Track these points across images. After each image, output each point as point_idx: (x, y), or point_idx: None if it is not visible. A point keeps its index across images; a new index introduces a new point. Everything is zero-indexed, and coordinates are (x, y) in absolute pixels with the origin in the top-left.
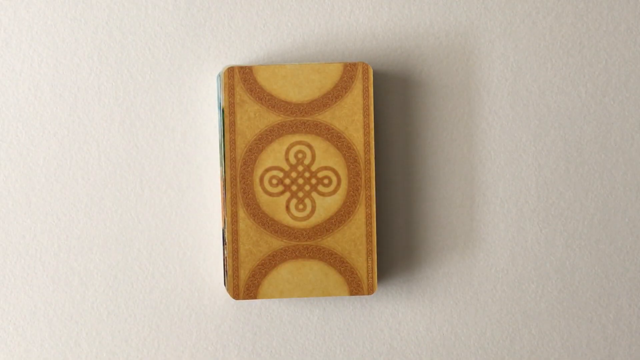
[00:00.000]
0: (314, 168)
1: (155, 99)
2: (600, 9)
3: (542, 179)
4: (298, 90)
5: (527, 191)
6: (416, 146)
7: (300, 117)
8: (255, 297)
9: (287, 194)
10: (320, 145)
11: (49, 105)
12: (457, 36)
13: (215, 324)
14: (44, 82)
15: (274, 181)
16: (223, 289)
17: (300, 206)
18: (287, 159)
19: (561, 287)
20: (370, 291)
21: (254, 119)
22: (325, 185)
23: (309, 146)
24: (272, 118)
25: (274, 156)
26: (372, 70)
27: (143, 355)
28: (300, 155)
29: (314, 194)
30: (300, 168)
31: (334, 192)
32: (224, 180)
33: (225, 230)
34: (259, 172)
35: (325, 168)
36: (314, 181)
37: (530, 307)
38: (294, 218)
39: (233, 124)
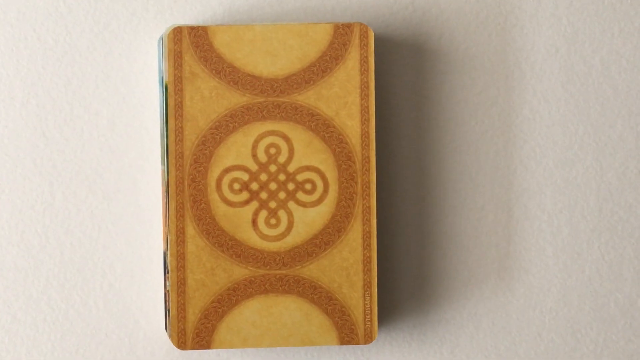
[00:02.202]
0: (291, 168)
1: (73, 71)
2: None
3: (605, 186)
4: (271, 60)
5: (585, 202)
6: (432, 140)
7: (274, 98)
8: (208, 347)
9: (255, 204)
10: (300, 136)
11: None
12: None
13: None
14: None
15: (237, 186)
16: (164, 335)
17: (273, 221)
18: (254, 156)
19: (630, 335)
20: (368, 339)
21: (210, 99)
22: (307, 192)
23: (285, 138)
24: (235, 98)
25: (237, 151)
26: (373, 34)
27: None
28: (272, 151)
29: (291, 204)
30: (272, 168)
31: (319, 201)
32: (167, 185)
33: (168, 253)
34: (215, 173)
35: (308, 168)
36: (291, 186)
37: None
38: (264, 237)
39: (180, 106)
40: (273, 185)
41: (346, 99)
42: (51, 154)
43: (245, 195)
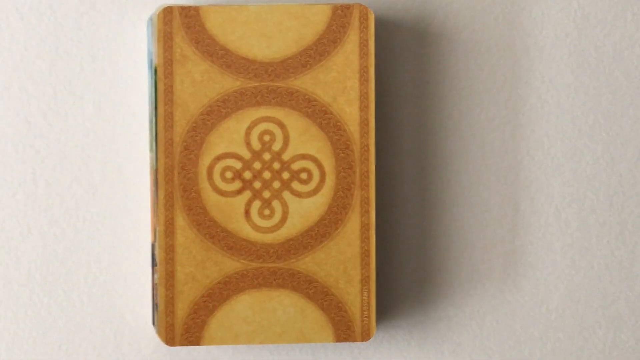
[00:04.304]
0: (286, 157)
1: (57, 53)
2: None
3: (616, 179)
4: (266, 42)
5: (595, 195)
6: (435, 128)
7: (269, 83)
8: (198, 344)
9: (248, 194)
10: (296, 123)
11: None
12: None
13: None
14: None
15: (229, 175)
16: (152, 330)
17: (267, 211)
18: (248, 143)
19: None
20: (365, 336)
21: (201, 83)
22: (302, 182)
23: (280, 125)
24: (228, 83)
25: (229, 138)
26: (373, 16)
27: None
28: (267, 138)
29: (286, 194)
30: (266, 156)
31: (316, 191)
32: (156, 173)
33: (156, 245)
34: (206, 161)
35: (304, 157)
36: (286, 175)
37: None
38: (257, 229)
39: (170, 90)
40: (267, 174)
41: (345, 84)
42: (34, 140)
43: (237, 184)
